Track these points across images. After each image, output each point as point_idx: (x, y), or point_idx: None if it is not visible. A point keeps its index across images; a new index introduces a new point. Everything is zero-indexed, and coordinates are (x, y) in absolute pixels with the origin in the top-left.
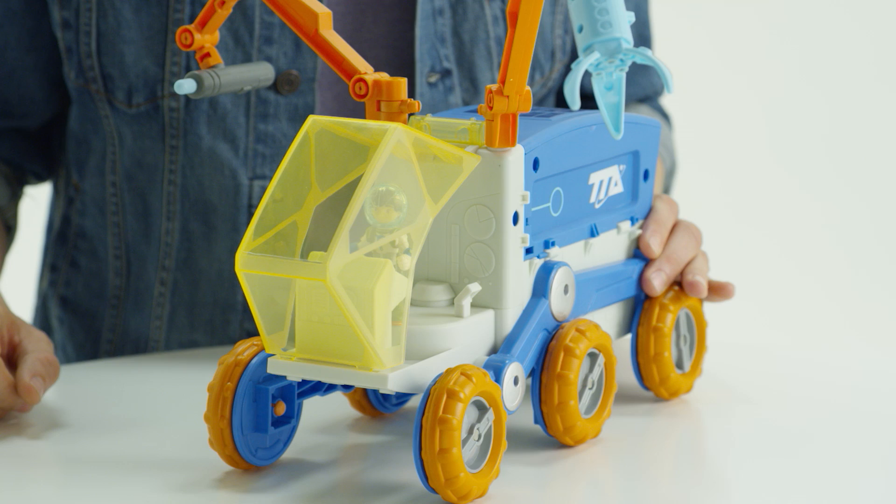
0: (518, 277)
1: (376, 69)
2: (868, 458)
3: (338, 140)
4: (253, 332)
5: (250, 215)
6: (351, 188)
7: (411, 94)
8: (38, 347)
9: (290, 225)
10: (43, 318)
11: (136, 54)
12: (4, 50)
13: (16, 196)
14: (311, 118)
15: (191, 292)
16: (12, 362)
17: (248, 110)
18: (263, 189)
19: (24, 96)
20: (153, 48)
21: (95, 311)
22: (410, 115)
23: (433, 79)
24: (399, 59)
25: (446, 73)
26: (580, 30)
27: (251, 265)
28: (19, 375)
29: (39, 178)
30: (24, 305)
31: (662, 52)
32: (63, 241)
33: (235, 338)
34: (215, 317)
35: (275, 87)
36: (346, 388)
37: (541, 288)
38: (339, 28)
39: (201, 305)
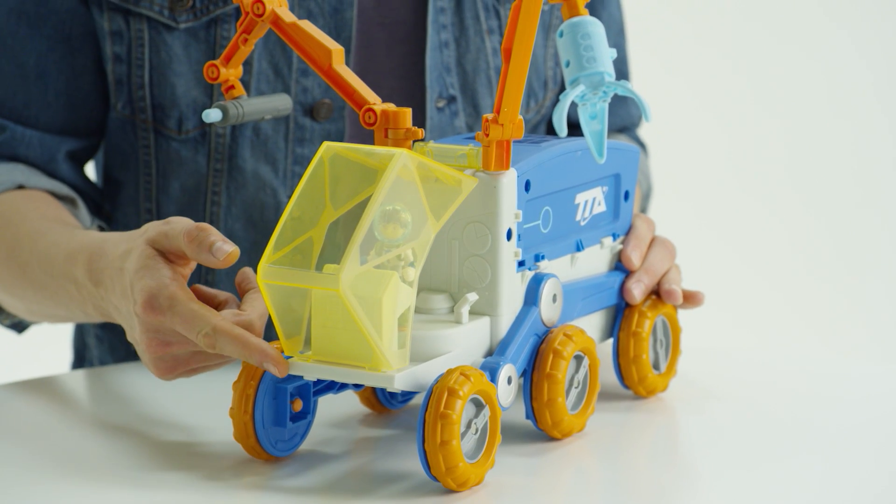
0: (511, 287)
1: (389, 97)
2: (824, 446)
3: (349, 164)
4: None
5: None
6: (361, 207)
7: (422, 118)
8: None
9: (307, 240)
10: (79, 337)
11: (186, 86)
12: (83, 74)
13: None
14: (325, 144)
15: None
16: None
17: (286, 135)
18: None
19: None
20: (202, 80)
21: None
22: (415, 141)
23: (441, 104)
24: (410, 88)
25: (452, 100)
26: (567, 64)
27: (271, 276)
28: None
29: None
30: (65, 326)
31: (640, 88)
32: None
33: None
34: None
35: (310, 114)
36: (357, 386)
37: (532, 297)
38: (355, 61)
39: None
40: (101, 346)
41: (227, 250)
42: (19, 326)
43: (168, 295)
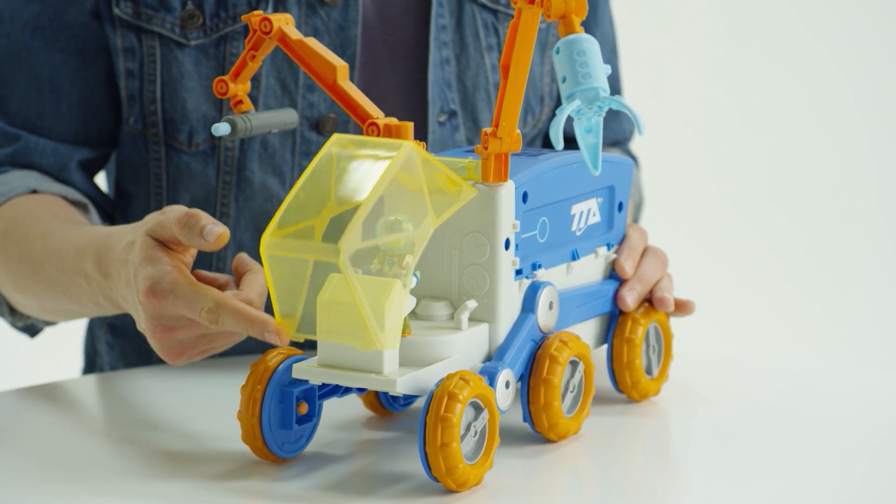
0: (509, 295)
1: (392, 112)
2: (810, 448)
3: (357, 161)
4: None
5: None
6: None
7: (423, 132)
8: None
9: (308, 227)
10: (89, 344)
11: (196, 101)
12: (96, 86)
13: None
14: (335, 136)
15: None
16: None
17: (293, 149)
18: None
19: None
20: (211, 95)
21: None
22: None
23: (442, 118)
24: (412, 103)
25: (453, 114)
26: (563, 80)
27: (274, 247)
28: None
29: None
30: (75, 334)
31: (631, 104)
32: None
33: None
34: None
35: (316, 128)
36: (361, 390)
37: (529, 304)
38: (360, 77)
39: None
40: (112, 352)
41: (217, 232)
42: (32, 330)
43: (170, 280)
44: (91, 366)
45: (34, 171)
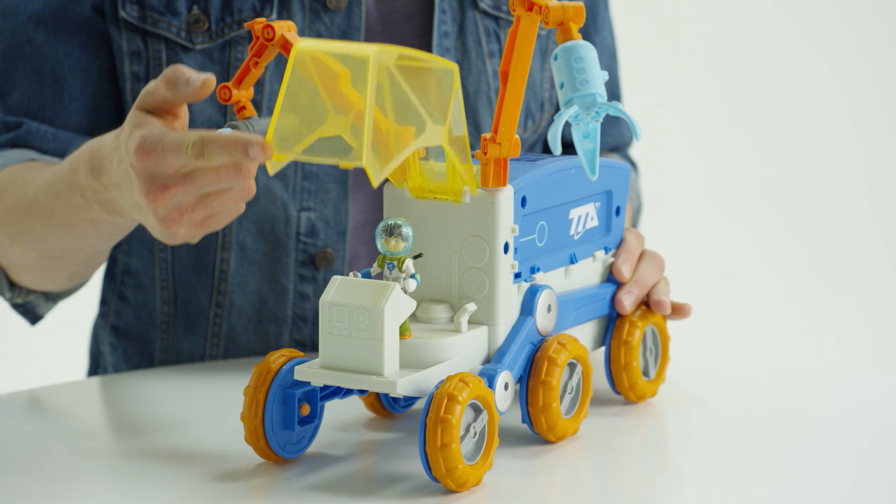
0: (508, 298)
1: None
2: (803, 448)
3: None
4: (301, 340)
5: (298, 241)
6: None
7: None
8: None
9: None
10: (94, 346)
11: (202, 104)
12: (99, 79)
13: None
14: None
15: (248, 311)
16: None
17: None
18: (309, 219)
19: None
20: (215, 100)
21: (146, 336)
22: (419, 158)
23: None
24: None
25: None
26: (562, 86)
27: (308, 44)
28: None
29: None
30: (80, 335)
31: (630, 109)
32: (111, 277)
33: (286, 346)
34: (269, 329)
35: None
36: (362, 392)
37: (527, 307)
38: None
39: (256, 321)
40: (115, 353)
41: (202, 78)
42: (32, 314)
43: (158, 133)
44: (95, 367)
45: (34, 151)
